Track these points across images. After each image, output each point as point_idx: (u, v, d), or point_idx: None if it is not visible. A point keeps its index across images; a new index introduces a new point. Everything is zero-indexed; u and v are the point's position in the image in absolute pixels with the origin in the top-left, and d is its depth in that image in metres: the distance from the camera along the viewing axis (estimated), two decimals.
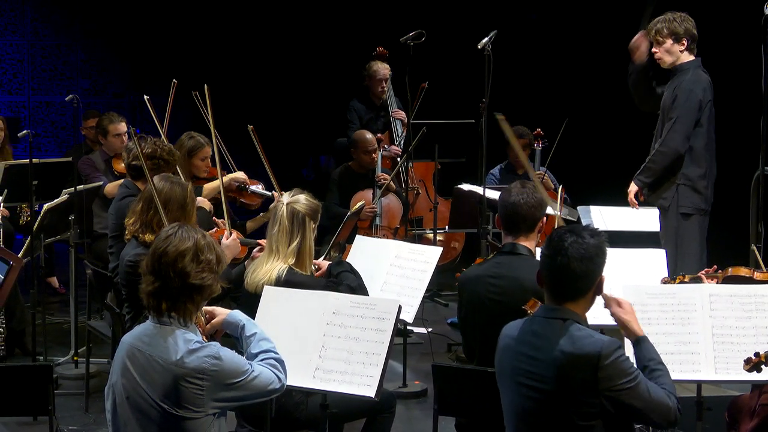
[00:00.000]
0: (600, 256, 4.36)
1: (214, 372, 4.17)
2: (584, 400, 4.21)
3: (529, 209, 5.39)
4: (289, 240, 5.70)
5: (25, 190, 7.97)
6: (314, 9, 13.56)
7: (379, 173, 9.77)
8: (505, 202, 5.44)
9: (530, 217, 5.40)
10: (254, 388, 4.30)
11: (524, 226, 5.41)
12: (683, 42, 7.58)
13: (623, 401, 4.19)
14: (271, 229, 5.77)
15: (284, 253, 5.69)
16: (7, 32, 14.07)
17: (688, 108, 7.50)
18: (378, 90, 10.55)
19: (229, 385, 4.21)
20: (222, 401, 4.24)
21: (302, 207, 5.74)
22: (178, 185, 6.36)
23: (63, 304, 9.83)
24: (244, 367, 4.27)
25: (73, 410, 7.32)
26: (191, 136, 8.11)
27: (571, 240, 4.32)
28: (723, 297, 5.16)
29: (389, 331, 4.94)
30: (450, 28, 12.37)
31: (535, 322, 4.42)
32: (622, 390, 4.18)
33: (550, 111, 11.44)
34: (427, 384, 7.56)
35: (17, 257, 6.41)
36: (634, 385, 4.19)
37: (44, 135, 14.16)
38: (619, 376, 4.18)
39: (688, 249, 7.53)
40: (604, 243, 4.39)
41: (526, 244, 5.43)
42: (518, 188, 5.46)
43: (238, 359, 4.29)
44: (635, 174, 7.75)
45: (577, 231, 4.38)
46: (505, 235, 5.48)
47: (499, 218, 5.51)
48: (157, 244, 4.31)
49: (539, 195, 5.49)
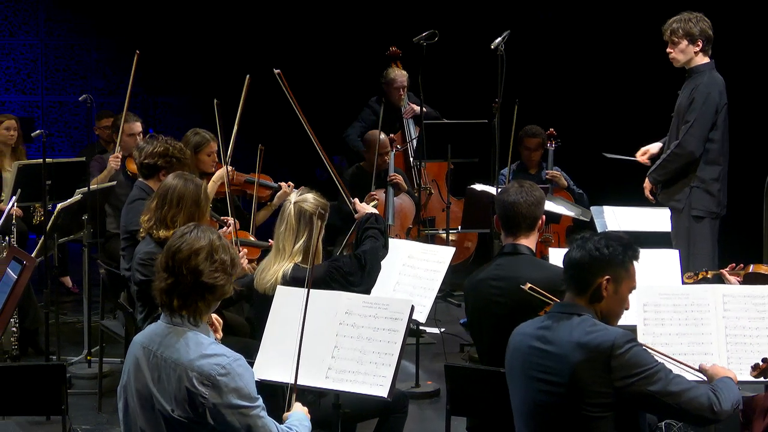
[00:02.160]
0: (614, 259, 4.43)
1: (220, 381, 4.09)
2: (597, 391, 4.23)
3: (529, 207, 5.33)
4: (295, 239, 5.70)
5: (38, 189, 7.98)
6: (329, 9, 13.56)
7: (392, 173, 9.76)
8: (504, 202, 5.38)
9: (530, 216, 5.34)
10: (255, 428, 4.15)
11: (524, 226, 5.36)
12: (698, 43, 7.52)
13: (640, 391, 4.20)
14: (278, 228, 5.78)
15: (290, 252, 5.69)
16: (20, 32, 14.11)
17: (705, 111, 7.46)
18: (396, 98, 10.54)
19: (233, 405, 4.10)
20: (220, 421, 4.12)
21: (310, 206, 5.74)
22: (192, 182, 6.37)
23: (76, 304, 9.84)
24: (253, 395, 4.16)
25: (86, 410, 7.33)
26: (196, 132, 8.13)
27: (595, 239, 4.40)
28: (736, 297, 5.15)
29: (402, 331, 4.93)
30: (463, 28, 12.35)
31: (549, 317, 4.46)
32: (637, 378, 4.20)
33: (563, 111, 11.45)
34: (440, 384, 7.56)
35: (31, 257, 6.43)
36: (650, 374, 4.21)
37: (58, 135, 14.20)
38: (634, 366, 4.20)
39: (701, 250, 7.50)
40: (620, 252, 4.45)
41: (527, 243, 5.38)
42: (516, 187, 5.41)
43: (251, 385, 4.18)
44: (649, 170, 7.72)
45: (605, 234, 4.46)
46: (506, 236, 5.42)
47: (498, 219, 5.45)
48: (172, 242, 4.31)
49: (538, 193, 5.42)
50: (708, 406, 4.28)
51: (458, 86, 12.17)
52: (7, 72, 14.15)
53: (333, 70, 13.42)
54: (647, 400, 4.24)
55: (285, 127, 13.40)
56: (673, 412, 4.34)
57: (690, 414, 4.31)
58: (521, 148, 10.05)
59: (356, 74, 12.11)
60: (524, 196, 5.34)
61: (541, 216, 5.42)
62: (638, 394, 4.21)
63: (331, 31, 13.51)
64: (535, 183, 5.56)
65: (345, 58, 13.18)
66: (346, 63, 13.09)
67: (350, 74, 12.69)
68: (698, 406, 4.27)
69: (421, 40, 9.20)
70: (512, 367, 4.54)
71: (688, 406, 4.26)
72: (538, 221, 5.40)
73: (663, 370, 4.26)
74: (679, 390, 4.24)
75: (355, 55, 12.80)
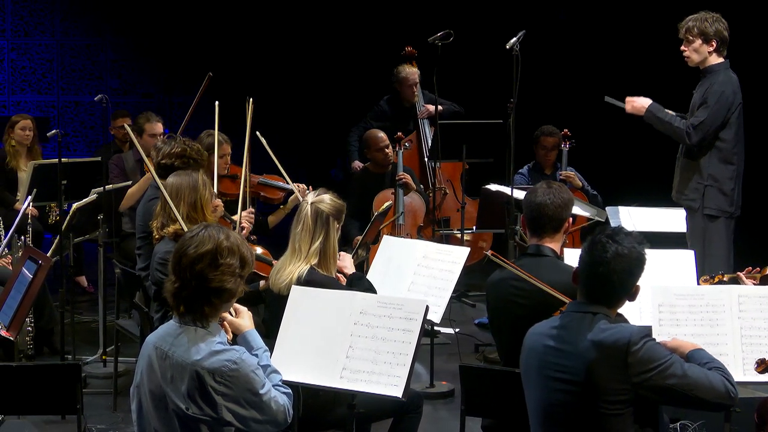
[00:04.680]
0: (639, 268, 4.45)
1: (231, 377, 4.16)
2: (615, 388, 4.24)
3: (556, 209, 5.31)
4: (312, 239, 5.69)
5: (54, 189, 8.00)
6: (344, 10, 13.56)
7: (400, 172, 9.71)
8: (531, 203, 5.36)
9: (556, 218, 5.32)
10: (267, 411, 4.25)
11: (550, 227, 5.34)
12: (712, 43, 7.50)
13: (658, 384, 4.23)
14: (295, 228, 5.77)
15: (306, 253, 5.69)
16: (36, 32, 14.14)
17: (717, 109, 7.44)
18: (408, 94, 10.53)
19: (246, 398, 4.19)
20: (233, 414, 4.20)
21: (326, 207, 5.74)
22: (188, 175, 6.48)
23: (91, 304, 9.86)
24: (262, 382, 4.24)
25: (101, 409, 7.34)
26: (209, 133, 8.12)
27: (612, 251, 4.37)
28: (752, 298, 5.14)
29: (416, 332, 4.92)
30: (478, 28, 12.35)
31: (564, 316, 4.46)
32: (654, 373, 4.22)
33: (577, 111, 11.43)
34: (454, 384, 7.55)
35: (46, 256, 6.45)
36: (665, 366, 4.23)
37: (73, 135, 14.23)
38: (650, 360, 4.22)
39: (716, 250, 7.48)
40: (644, 254, 4.45)
41: (552, 245, 5.36)
42: (544, 188, 5.38)
43: (259, 373, 4.26)
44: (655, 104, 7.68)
45: (619, 239, 4.42)
46: (531, 236, 5.42)
47: (524, 219, 5.45)
48: (180, 244, 4.32)
49: (566, 195, 5.40)
50: (725, 393, 4.31)
51: (473, 86, 12.17)
52: (23, 72, 14.19)
53: (349, 71, 13.43)
54: (666, 393, 4.26)
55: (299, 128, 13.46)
56: (691, 402, 4.34)
57: (709, 403, 4.33)
58: (537, 148, 10.03)
59: (372, 74, 12.10)
60: (551, 198, 5.32)
61: (568, 218, 5.40)
62: (656, 388, 4.23)
63: (346, 32, 13.52)
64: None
65: (360, 59, 13.18)
66: (362, 63, 13.10)
67: (366, 74, 12.69)
68: (717, 394, 4.30)
69: (437, 40, 9.19)
70: (528, 366, 4.54)
71: (707, 395, 4.29)
72: (564, 223, 5.38)
73: (677, 361, 4.29)
74: (695, 380, 4.27)
75: (370, 55, 12.80)
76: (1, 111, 13.89)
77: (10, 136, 10.10)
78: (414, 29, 10.94)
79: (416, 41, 10.35)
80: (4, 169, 10.07)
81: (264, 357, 4.45)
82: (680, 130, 7.51)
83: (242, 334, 4.49)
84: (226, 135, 8.10)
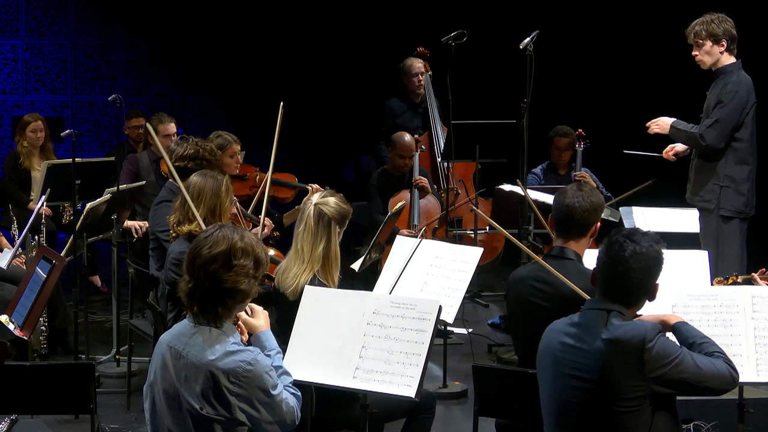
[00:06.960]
0: (658, 266, 4.47)
1: (245, 378, 4.17)
2: (630, 385, 4.27)
3: (584, 213, 5.23)
4: (314, 242, 5.61)
5: (67, 189, 8.01)
6: (356, 10, 13.57)
7: (417, 176, 9.71)
8: (559, 204, 5.30)
9: (583, 222, 5.25)
10: (278, 412, 4.25)
11: (576, 230, 5.28)
12: (723, 43, 7.49)
13: (672, 378, 4.27)
14: (298, 227, 5.71)
15: (309, 257, 5.62)
16: (50, 32, 14.17)
17: (731, 110, 7.43)
18: (414, 85, 10.53)
19: (260, 398, 4.19)
20: (246, 415, 4.20)
21: (330, 210, 5.66)
22: (213, 177, 6.48)
23: (105, 303, 9.88)
24: (275, 383, 4.24)
25: (115, 408, 7.36)
26: (219, 134, 8.10)
27: (630, 249, 4.39)
28: (766, 299, 5.12)
29: (429, 332, 4.92)
30: (492, 28, 12.35)
31: (579, 315, 4.47)
32: (669, 368, 4.25)
33: (592, 111, 11.42)
34: (467, 385, 7.56)
35: (60, 256, 6.46)
36: (679, 360, 4.27)
37: (87, 135, 14.25)
38: (665, 356, 4.26)
39: (729, 251, 7.46)
40: (662, 253, 4.47)
41: (576, 248, 5.29)
42: (574, 190, 5.31)
43: (273, 374, 4.26)
44: (676, 122, 7.67)
45: (636, 239, 4.43)
46: (556, 236, 5.36)
47: (552, 219, 5.40)
48: (195, 244, 4.32)
49: (596, 199, 5.31)
50: (730, 379, 4.39)
51: (486, 86, 12.17)
52: (37, 72, 14.21)
53: (361, 71, 13.43)
54: (678, 385, 4.30)
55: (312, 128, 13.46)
56: (699, 391, 4.39)
57: (715, 390, 4.41)
58: (551, 148, 10.01)
59: (384, 75, 12.10)
60: (580, 201, 5.24)
61: (596, 223, 5.31)
62: (671, 381, 4.28)
63: (360, 32, 13.52)
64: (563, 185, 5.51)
65: (373, 59, 13.18)
66: (374, 64, 13.09)
67: (378, 75, 12.69)
68: (724, 381, 4.37)
69: (450, 40, 9.19)
70: (543, 364, 4.54)
71: (714, 383, 4.35)
72: (591, 228, 5.31)
73: (687, 353, 4.34)
74: (706, 371, 4.32)
75: (383, 56, 12.80)
76: (15, 111, 13.91)
77: (23, 137, 10.13)
78: (427, 30, 10.93)
79: (430, 42, 10.35)
80: (18, 169, 10.10)
81: (276, 358, 4.45)
82: (694, 134, 7.52)
83: (256, 334, 4.48)
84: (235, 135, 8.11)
